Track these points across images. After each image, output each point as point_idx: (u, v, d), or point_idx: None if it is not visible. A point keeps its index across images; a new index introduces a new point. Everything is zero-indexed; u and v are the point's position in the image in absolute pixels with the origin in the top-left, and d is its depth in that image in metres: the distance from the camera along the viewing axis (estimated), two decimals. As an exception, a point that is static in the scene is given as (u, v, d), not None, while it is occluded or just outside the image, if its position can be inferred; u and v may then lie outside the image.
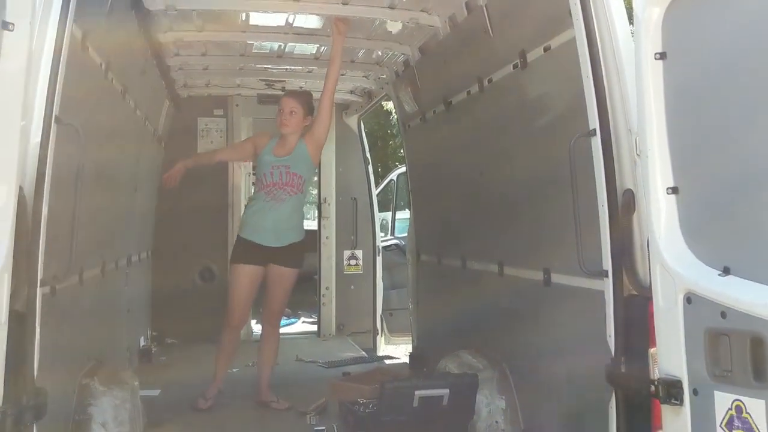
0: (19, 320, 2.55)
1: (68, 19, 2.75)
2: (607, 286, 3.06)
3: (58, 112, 2.73)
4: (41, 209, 2.63)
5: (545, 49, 3.72)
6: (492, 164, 4.64)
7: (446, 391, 3.93)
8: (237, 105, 7.86)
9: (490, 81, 4.50)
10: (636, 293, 2.99)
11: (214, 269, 8.03)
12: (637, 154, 2.92)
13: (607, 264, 3.06)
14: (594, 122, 3.08)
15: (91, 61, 3.71)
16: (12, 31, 2.38)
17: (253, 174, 8.61)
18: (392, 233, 9.93)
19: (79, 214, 2.91)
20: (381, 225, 9.19)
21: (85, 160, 2.94)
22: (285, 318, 7.35)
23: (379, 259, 8.42)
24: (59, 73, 2.75)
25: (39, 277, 2.64)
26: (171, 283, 7.54)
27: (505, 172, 4.47)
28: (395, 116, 19.46)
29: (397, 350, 8.92)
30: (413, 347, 6.76)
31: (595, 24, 3.06)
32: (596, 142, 3.08)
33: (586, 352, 3.46)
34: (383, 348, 8.54)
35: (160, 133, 7.09)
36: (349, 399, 4.57)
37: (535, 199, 4.06)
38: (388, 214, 10.33)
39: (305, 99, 5.31)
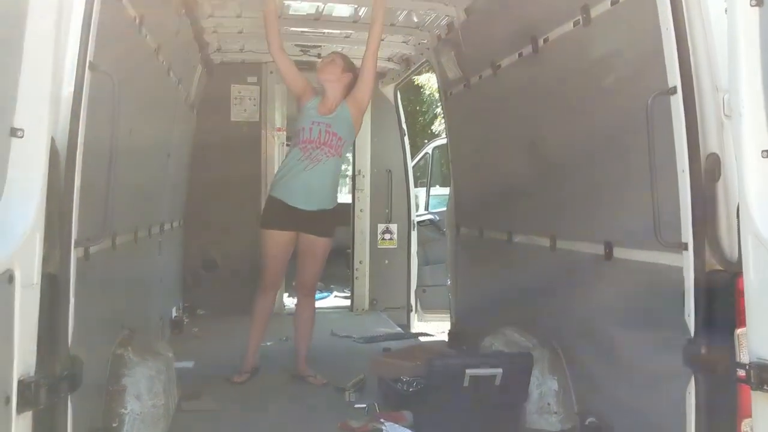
0: (53, 283, 2.36)
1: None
2: (687, 259, 2.79)
3: (93, 58, 2.51)
4: (75, 164, 2.41)
5: (613, 2, 3.42)
6: (546, 131, 4.36)
7: (499, 370, 3.69)
8: (271, 72, 7.60)
9: (546, 41, 4.20)
10: (720, 268, 2.71)
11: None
12: (726, 115, 2.64)
13: (687, 236, 2.78)
14: (674, 79, 2.79)
15: (125, 12, 3.49)
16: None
17: (287, 145, 8.50)
18: (426, 208, 9.68)
19: (114, 172, 2.68)
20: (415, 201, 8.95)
21: (120, 114, 2.70)
22: (318, 291, 7.17)
23: (414, 234, 8.20)
24: (93, 18, 2.52)
25: (73, 238, 2.43)
26: (202, 254, 7.42)
27: (561, 139, 4.19)
28: (426, 91, 19.04)
29: (429, 327, 8.72)
30: (452, 324, 6.53)
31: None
32: (677, 101, 2.79)
33: (655, 332, 3.21)
34: (416, 325, 8.33)
35: (193, 99, 6.88)
36: (391, 376, 4.35)
37: (595, 167, 3.78)
38: (422, 190, 10.07)
39: (344, 55, 5.17)
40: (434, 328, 8.93)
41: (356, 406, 4.36)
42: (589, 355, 3.90)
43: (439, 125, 20.61)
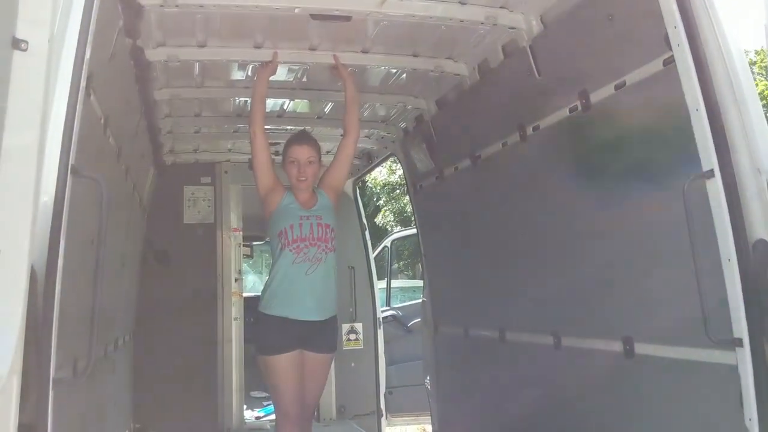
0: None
1: (86, 47, 2.21)
2: (743, 356, 2.54)
3: (74, 161, 2.15)
4: (54, 288, 2.01)
5: (617, 87, 3.29)
6: (542, 221, 4.14)
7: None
8: (226, 172, 7.30)
9: (535, 129, 4.05)
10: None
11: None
12: (773, 197, 2.47)
13: (741, 330, 2.54)
14: (709, 162, 2.62)
15: (94, 113, 3.15)
16: (25, 51, 1.83)
17: (246, 245, 8.11)
18: (388, 303, 9.34)
19: (99, 292, 2.28)
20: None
21: (103, 225, 2.33)
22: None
23: (380, 332, 7.80)
24: (75, 118, 2.19)
25: (51, 378, 2.00)
26: (153, 368, 6.83)
27: (560, 227, 3.97)
28: (371, 185, 19.04)
29: (397, 432, 8.25)
30: (434, 430, 6.09)
31: (705, 47, 2.62)
32: (714, 185, 2.60)
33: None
34: (387, 431, 7.83)
35: (145, 203, 6.48)
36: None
37: (605, 256, 3.56)
38: (382, 283, 9.75)
39: (317, 144, 4.58)
40: (402, 432, 8.47)
41: None
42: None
43: (382, 218, 20.56)
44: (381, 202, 19.19)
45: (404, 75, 4.94)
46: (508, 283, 4.59)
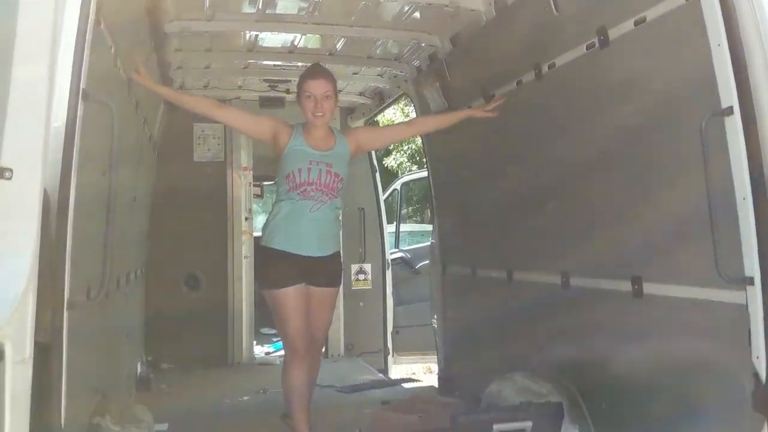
0: (44, 355, 1.94)
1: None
2: (753, 295, 2.54)
3: (85, 86, 2.13)
4: (68, 211, 2.02)
5: (637, 23, 3.21)
6: (554, 161, 4.11)
7: (529, 424, 3.36)
8: (236, 110, 7.24)
9: (551, 66, 3.98)
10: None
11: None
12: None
13: (753, 269, 2.54)
14: (730, 99, 2.57)
15: (104, 42, 3.11)
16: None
17: (256, 185, 8.12)
18: (397, 246, 9.38)
19: (112, 219, 2.29)
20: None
21: (116, 151, 2.32)
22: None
23: (388, 273, 7.89)
24: (85, 42, 2.16)
25: (66, 299, 2.03)
26: (164, 303, 6.93)
27: (571, 168, 3.94)
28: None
29: (403, 370, 8.39)
30: (440, 369, 6.18)
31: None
32: (733, 123, 2.57)
33: (704, 376, 2.94)
34: (394, 368, 7.98)
35: (155, 138, 6.47)
36: (396, 433, 3.98)
37: (620, 195, 3.54)
38: (390, 227, 9.78)
39: (334, 78, 4.30)
40: (408, 370, 8.61)
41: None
42: (615, 403, 3.61)
43: (393, 160, 20.46)
44: (392, 145, 19.00)
45: (418, 11, 4.85)
46: (517, 224, 4.58)
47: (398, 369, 8.29)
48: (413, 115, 7.41)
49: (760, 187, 2.52)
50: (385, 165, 19.15)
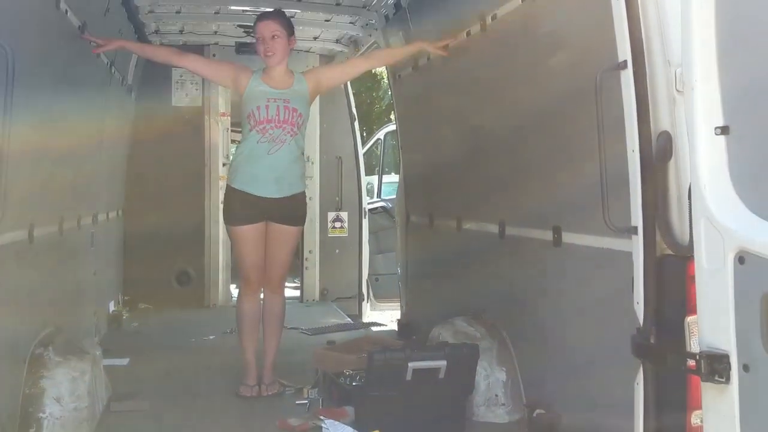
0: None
1: None
2: (637, 244, 2.65)
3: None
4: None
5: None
6: (495, 113, 4.18)
7: (443, 363, 3.51)
8: (214, 55, 7.28)
9: (493, 18, 4.02)
10: (671, 253, 2.57)
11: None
12: (678, 90, 2.49)
13: (637, 219, 2.63)
14: (624, 53, 2.63)
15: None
16: None
17: (232, 131, 8.21)
18: (379, 195, 9.49)
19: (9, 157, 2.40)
20: (367, 189, 8.76)
21: (19, 93, 2.42)
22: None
23: (365, 222, 8.00)
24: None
25: None
26: (144, 245, 7.12)
27: (510, 121, 4.02)
28: (384, 79, 18.86)
29: (382, 317, 8.56)
30: (402, 314, 6.36)
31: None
32: (627, 76, 2.63)
33: (605, 320, 3.08)
34: (369, 314, 8.15)
35: (130, 82, 6.55)
36: (333, 369, 4.15)
37: (544, 149, 3.62)
38: (374, 177, 9.87)
39: (285, 18, 4.48)
40: (387, 317, 8.79)
41: (297, 402, 4.15)
42: (538, 345, 3.76)
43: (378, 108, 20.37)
44: (380, 93, 18.80)
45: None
46: (467, 175, 4.67)
47: (376, 315, 8.46)
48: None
49: (648, 139, 2.59)
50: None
